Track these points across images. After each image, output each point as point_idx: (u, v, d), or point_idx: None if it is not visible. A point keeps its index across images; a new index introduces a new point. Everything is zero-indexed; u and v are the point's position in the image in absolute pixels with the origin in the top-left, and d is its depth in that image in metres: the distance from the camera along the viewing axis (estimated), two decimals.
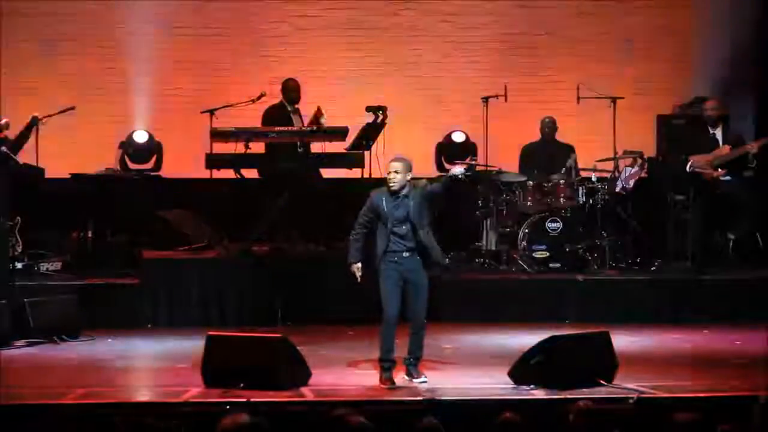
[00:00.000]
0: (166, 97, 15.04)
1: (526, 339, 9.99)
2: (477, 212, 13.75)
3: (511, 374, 9.45)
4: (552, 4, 15.34)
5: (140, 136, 14.61)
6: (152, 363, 10.93)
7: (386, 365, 9.45)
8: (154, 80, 15.04)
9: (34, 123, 12.90)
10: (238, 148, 12.90)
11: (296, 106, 13.63)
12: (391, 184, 9.40)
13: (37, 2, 14.85)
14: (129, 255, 13.19)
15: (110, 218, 13.69)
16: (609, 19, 15.35)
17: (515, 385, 9.30)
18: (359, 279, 9.54)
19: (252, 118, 13.59)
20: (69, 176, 14.09)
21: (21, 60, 14.75)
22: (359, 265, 9.52)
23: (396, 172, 9.41)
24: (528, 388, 9.16)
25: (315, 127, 13.09)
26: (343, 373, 10.00)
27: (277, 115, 13.42)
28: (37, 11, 14.83)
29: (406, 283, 9.42)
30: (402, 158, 9.51)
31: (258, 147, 13.10)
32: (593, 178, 13.69)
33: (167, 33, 15.06)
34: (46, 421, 8.37)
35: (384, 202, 9.43)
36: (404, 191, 9.42)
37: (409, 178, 9.44)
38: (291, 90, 13.61)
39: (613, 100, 14.01)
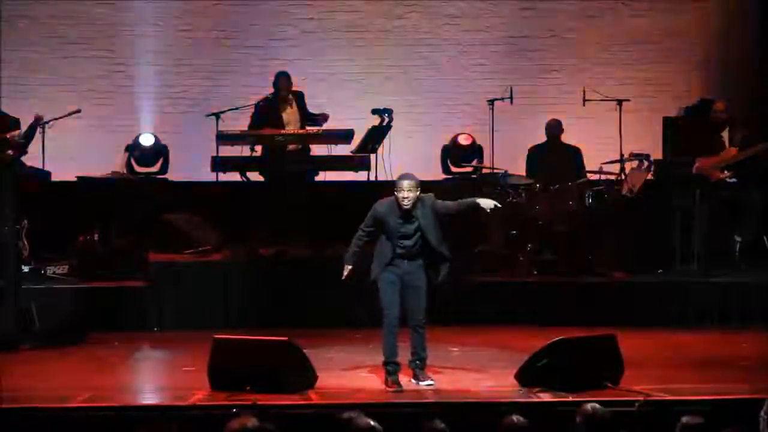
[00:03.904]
0: (172, 100, 15.04)
1: (533, 342, 9.98)
2: (483, 215, 13.71)
3: (517, 377, 9.45)
4: (557, 7, 15.32)
5: (146, 140, 14.60)
6: (158, 366, 10.93)
7: (391, 368, 9.46)
8: (159, 83, 15.05)
9: (37, 123, 12.95)
10: (243, 151, 12.92)
11: (288, 96, 13.54)
12: (404, 204, 9.37)
13: (43, 5, 14.86)
14: (135, 258, 13.19)
15: (116, 221, 13.69)
16: (614, 21, 15.34)
17: (522, 388, 9.30)
18: (344, 278, 9.58)
19: None
20: (75, 179, 14.11)
21: (27, 63, 14.76)
22: (350, 267, 9.57)
23: (408, 190, 9.37)
24: (534, 391, 9.16)
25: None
26: (350, 376, 10.00)
27: (265, 108, 13.35)
28: (43, 14, 14.84)
29: (404, 285, 9.44)
30: (411, 176, 9.45)
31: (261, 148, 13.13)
32: (599, 181, 13.69)
33: (173, 36, 15.07)
34: (51, 425, 8.39)
35: (390, 217, 9.42)
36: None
37: (418, 193, 9.42)
38: (276, 83, 13.51)
39: (619, 102, 14.00)
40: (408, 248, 9.42)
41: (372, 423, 6.61)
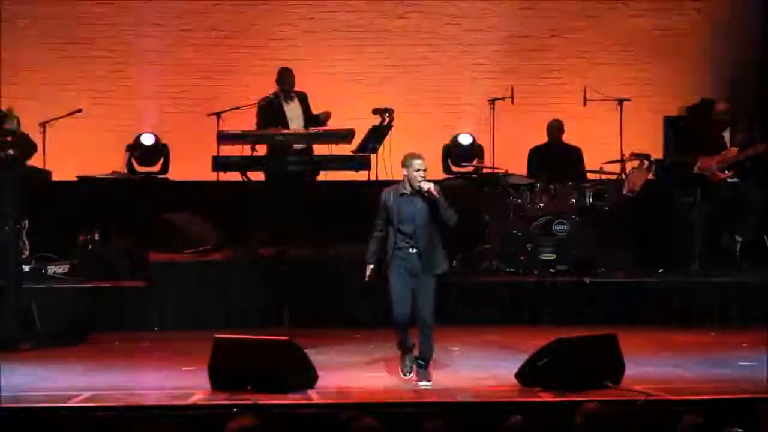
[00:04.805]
0: (173, 99, 15.05)
1: (533, 341, 9.97)
2: (484, 214, 13.73)
3: (518, 376, 9.45)
4: (558, 6, 15.32)
5: (147, 139, 14.62)
6: (159, 366, 10.93)
7: (405, 352, 9.62)
8: (161, 83, 15.05)
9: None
10: (244, 150, 12.91)
11: (291, 93, 13.54)
12: (422, 182, 9.43)
13: (43, 5, 14.86)
14: (136, 258, 13.19)
15: (117, 221, 13.69)
16: (615, 20, 15.34)
17: (522, 387, 9.29)
18: (367, 278, 9.64)
19: None
20: (76, 179, 14.12)
21: (29, 63, 14.77)
22: (371, 266, 9.63)
23: (424, 169, 9.51)
24: (535, 391, 9.16)
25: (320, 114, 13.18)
26: (350, 376, 10.00)
27: (269, 107, 13.35)
28: (43, 14, 14.84)
29: (413, 282, 9.45)
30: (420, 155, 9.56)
31: (262, 148, 13.11)
32: (600, 181, 13.70)
33: (174, 36, 15.07)
34: (51, 425, 8.39)
35: (393, 200, 9.50)
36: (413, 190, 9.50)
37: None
38: (280, 80, 13.52)
39: (620, 102, 14.01)
40: (410, 235, 9.43)
41: (372, 423, 6.62)
